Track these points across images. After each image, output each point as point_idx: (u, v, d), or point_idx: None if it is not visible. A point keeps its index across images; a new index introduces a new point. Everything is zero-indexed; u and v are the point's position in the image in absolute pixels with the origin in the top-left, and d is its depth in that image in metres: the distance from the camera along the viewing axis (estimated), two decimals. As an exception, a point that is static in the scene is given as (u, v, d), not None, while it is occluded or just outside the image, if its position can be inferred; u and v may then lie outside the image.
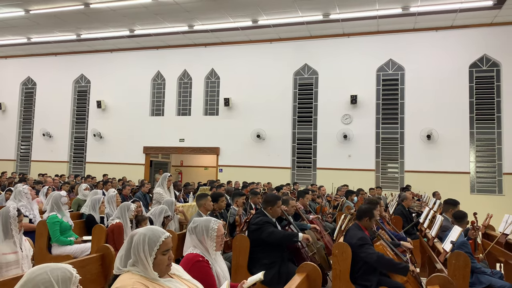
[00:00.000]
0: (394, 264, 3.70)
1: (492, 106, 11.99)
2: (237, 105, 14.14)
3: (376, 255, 3.71)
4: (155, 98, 15.32)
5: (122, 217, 4.82)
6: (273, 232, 4.12)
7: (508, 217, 5.19)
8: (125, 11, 12.05)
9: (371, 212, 4.11)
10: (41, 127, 16.18)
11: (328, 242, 5.33)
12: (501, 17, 11.49)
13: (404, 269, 3.66)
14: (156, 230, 2.12)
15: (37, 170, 14.80)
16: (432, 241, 4.93)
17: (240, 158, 13.90)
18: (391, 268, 3.72)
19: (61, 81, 16.24)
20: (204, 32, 13.51)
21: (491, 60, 12.06)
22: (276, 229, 4.19)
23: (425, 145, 12.23)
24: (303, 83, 13.80)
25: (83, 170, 15.68)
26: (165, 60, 15.09)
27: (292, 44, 13.78)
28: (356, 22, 12.26)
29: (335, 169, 12.90)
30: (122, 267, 2.06)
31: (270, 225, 4.21)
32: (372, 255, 3.70)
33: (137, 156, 15.04)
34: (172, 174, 16.81)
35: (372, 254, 3.71)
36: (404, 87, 12.72)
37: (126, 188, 8.22)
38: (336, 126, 13.02)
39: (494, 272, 4.30)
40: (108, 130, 15.47)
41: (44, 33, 14.24)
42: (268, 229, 4.14)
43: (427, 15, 11.59)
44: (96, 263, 3.38)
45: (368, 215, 4.07)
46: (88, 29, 13.74)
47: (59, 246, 5.06)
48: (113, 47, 15.49)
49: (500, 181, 11.73)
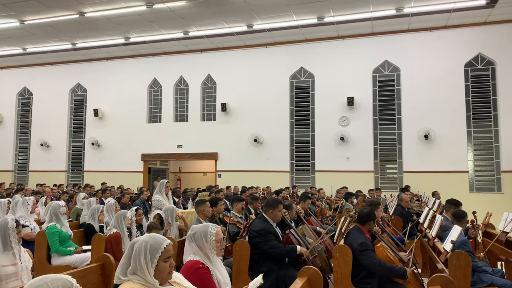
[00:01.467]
0: (395, 271, 3.74)
1: (488, 104, 12.04)
2: (234, 110, 14.15)
3: (378, 263, 3.73)
4: (152, 105, 15.32)
5: (119, 226, 4.79)
6: (274, 246, 4.14)
7: (508, 215, 5.20)
8: (120, 19, 12.07)
9: (374, 214, 4.11)
10: (39, 137, 16.15)
11: (329, 245, 5.32)
12: (494, 16, 11.56)
13: (404, 274, 3.71)
14: (157, 238, 2.12)
15: (35, 180, 14.76)
16: (433, 241, 4.93)
17: (238, 163, 13.90)
18: (391, 274, 3.77)
19: (57, 91, 16.22)
20: (199, 38, 13.54)
21: (486, 59, 12.12)
22: (276, 243, 4.19)
23: (423, 145, 12.25)
24: (300, 87, 13.83)
25: (81, 179, 15.64)
26: (161, 67, 15.11)
27: (288, 48, 13.82)
28: (351, 24, 12.31)
29: (334, 172, 12.91)
30: (123, 276, 2.05)
31: (271, 236, 4.21)
32: (374, 263, 3.72)
33: (135, 163, 15.01)
34: (171, 180, 16.84)
35: (374, 262, 3.73)
36: (400, 88, 12.76)
37: (125, 196, 8.19)
38: (333, 128, 13.04)
39: (496, 271, 4.29)
40: (106, 138, 15.45)
41: (39, 43, 14.24)
42: (270, 241, 4.16)
43: (421, 15, 11.64)
44: (96, 272, 3.36)
45: (371, 218, 4.07)
46: (83, 38, 13.75)
47: (58, 256, 5.04)
48: (108, 55, 15.51)
49: (498, 179, 11.75)
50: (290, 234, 4.61)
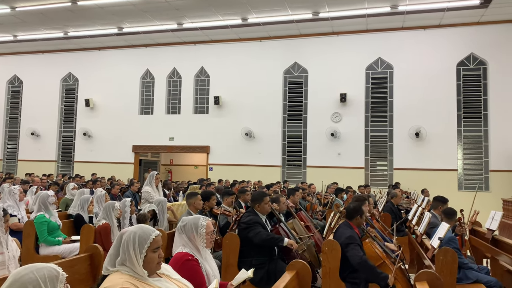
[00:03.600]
0: (375, 272, 3.61)
1: (479, 104, 12.16)
2: (227, 104, 14.11)
3: (360, 257, 3.66)
4: (144, 97, 15.22)
5: (108, 217, 4.76)
6: (259, 233, 4.11)
7: (494, 213, 5.26)
8: (113, 9, 11.93)
9: (361, 209, 4.12)
10: (28, 126, 15.96)
11: (318, 240, 5.36)
12: (487, 16, 11.64)
13: (384, 279, 3.55)
14: (146, 228, 2.12)
15: (24, 170, 14.60)
16: (421, 237, 4.98)
17: (230, 157, 13.89)
18: (371, 274, 3.63)
19: (48, 80, 16.03)
20: (193, 30, 13.45)
21: (478, 59, 12.21)
22: (263, 230, 4.17)
23: (413, 143, 12.35)
24: (293, 82, 13.83)
25: (72, 169, 15.52)
26: (154, 58, 14.99)
27: (282, 42, 13.79)
28: (345, 20, 12.32)
29: (325, 167, 12.96)
30: (111, 266, 2.04)
31: (259, 225, 4.21)
32: (356, 257, 3.66)
33: (126, 155, 14.93)
34: (162, 173, 16.78)
35: (356, 256, 3.66)
36: (393, 85, 12.82)
37: (115, 187, 8.14)
38: (325, 124, 13.08)
39: (481, 268, 4.36)
40: (97, 128, 15.33)
41: (30, 30, 14.03)
42: (256, 229, 4.14)
43: (415, 14, 11.69)
44: (85, 263, 3.35)
45: (358, 213, 4.09)
46: (76, 27, 13.58)
47: (47, 246, 5.00)
48: (101, 45, 15.34)
49: (487, 178, 11.90)
50: (280, 227, 4.63)
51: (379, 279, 3.61)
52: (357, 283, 3.75)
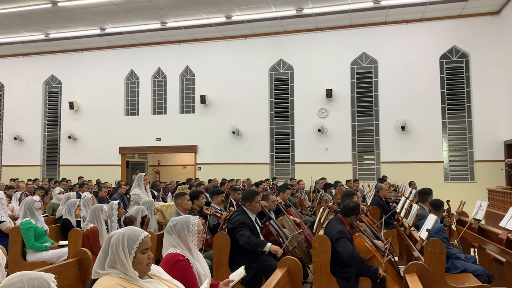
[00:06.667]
0: (365, 266, 3.66)
1: (462, 96, 12.34)
2: (213, 102, 14.06)
3: (351, 251, 3.70)
4: (129, 97, 15.06)
5: (96, 221, 4.69)
6: (243, 236, 4.08)
7: (480, 203, 5.36)
8: (95, 9, 11.77)
9: (358, 211, 4.13)
10: (11, 130, 15.66)
11: (309, 235, 5.38)
12: (468, 9, 11.81)
13: (374, 272, 3.62)
14: (135, 230, 2.11)
15: (8, 176, 14.33)
16: (409, 230, 5.04)
17: (218, 156, 13.85)
18: (362, 267, 3.67)
19: (30, 83, 15.75)
20: (177, 29, 13.35)
21: (460, 51, 12.39)
22: (247, 233, 4.11)
23: (399, 136, 12.48)
24: (279, 79, 13.84)
25: (57, 174, 15.29)
26: (138, 58, 14.84)
27: (267, 39, 13.79)
28: (329, 16, 12.37)
29: (313, 163, 13.02)
30: (100, 270, 2.02)
31: (245, 226, 4.19)
32: (347, 251, 3.69)
33: (112, 157, 14.77)
34: (149, 174, 16.65)
35: (347, 250, 3.70)
36: (377, 80, 12.93)
37: (102, 190, 8.05)
38: (312, 120, 13.13)
39: (468, 257, 4.44)
40: (82, 131, 15.12)
41: (10, 33, 13.76)
42: (241, 231, 4.12)
43: (397, 8, 11.79)
44: (74, 268, 3.30)
45: (355, 213, 4.09)
46: (57, 28, 13.36)
47: (34, 252, 4.92)
48: (84, 46, 15.12)
49: (472, 169, 12.10)
50: (270, 225, 4.63)
51: (369, 272, 3.66)
52: (348, 277, 3.78)
